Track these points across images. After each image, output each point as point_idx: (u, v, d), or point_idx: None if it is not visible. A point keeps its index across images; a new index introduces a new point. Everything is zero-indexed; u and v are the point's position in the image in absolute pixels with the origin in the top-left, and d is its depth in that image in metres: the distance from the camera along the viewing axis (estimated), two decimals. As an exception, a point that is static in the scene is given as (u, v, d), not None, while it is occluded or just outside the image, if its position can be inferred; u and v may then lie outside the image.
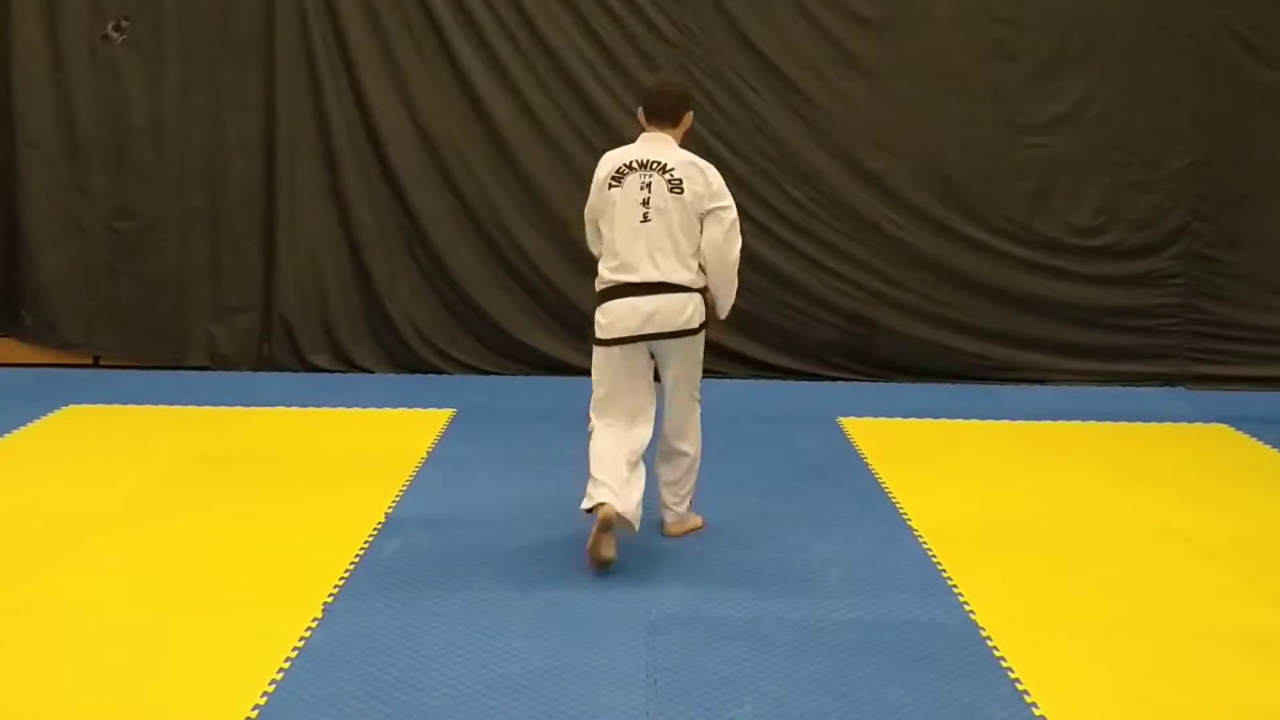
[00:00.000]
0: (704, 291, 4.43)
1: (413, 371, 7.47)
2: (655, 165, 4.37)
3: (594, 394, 4.46)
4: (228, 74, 7.36)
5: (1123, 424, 6.50)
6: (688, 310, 4.35)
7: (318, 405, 6.62)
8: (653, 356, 4.46)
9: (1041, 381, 7.41)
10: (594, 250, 4.61)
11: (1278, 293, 7.39)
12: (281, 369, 7.49)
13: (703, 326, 4.42)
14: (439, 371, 7.47)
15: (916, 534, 4.69)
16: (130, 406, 6.57)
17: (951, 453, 5.93)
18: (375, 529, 4.62)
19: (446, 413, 6.45)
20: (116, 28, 7.32)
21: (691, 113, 4.58)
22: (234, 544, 4.49)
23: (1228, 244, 7.37)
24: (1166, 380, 7.42)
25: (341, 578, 4.13)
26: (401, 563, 4.31)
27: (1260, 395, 7.22)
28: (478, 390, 7.04)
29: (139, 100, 7.35)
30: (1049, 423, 6.49)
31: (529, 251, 7.45)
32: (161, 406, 6.57)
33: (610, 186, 4.40)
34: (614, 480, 4.24)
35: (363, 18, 7.32)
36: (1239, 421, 6.51)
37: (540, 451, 5.75)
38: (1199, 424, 6.56)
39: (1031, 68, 7.29)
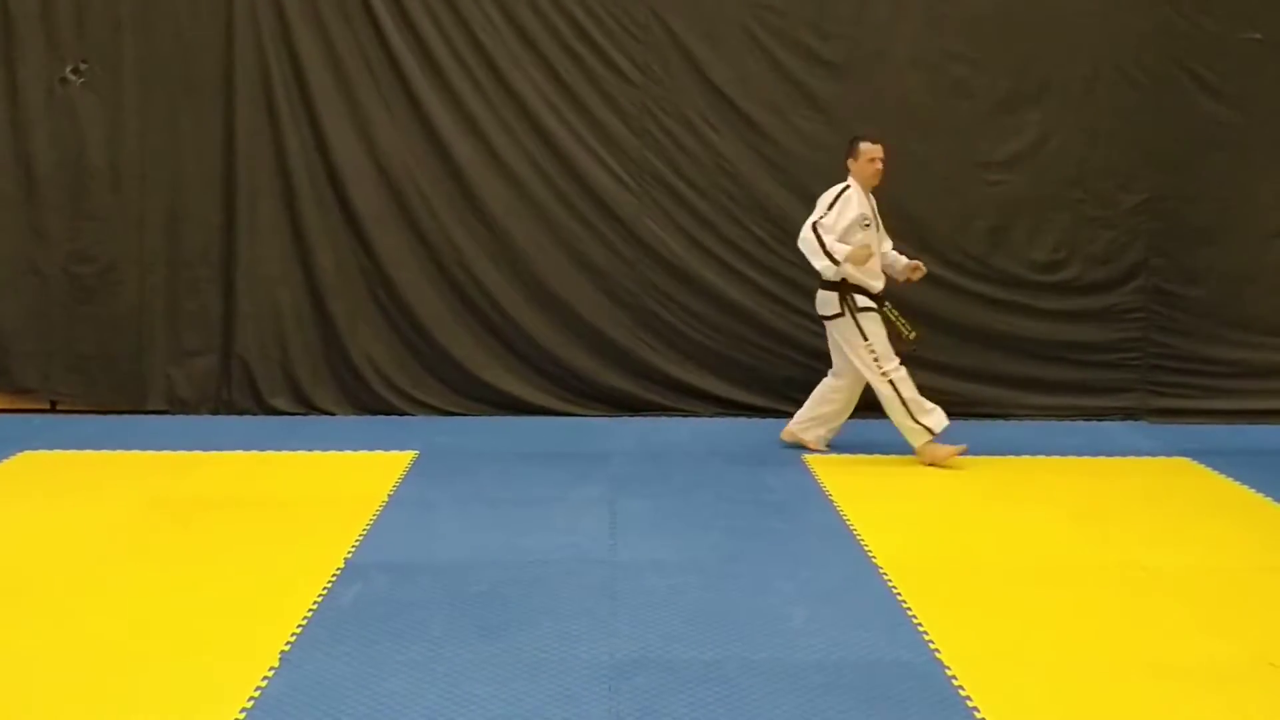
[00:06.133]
0: (842, 284, 6.31)
1: (374, 413, 7.41)
2: None
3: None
4: (187, 116, 7.32)
5: (1084, 458, 6.53)
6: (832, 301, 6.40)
7: (277, 449, 6.55)
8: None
9: (1003, 417, 7.44)
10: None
11: (1235, 326, 7.46)
12: (241, 412, 7.42)
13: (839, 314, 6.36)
14: (401, 413, 7.41)
15: (881, 571, 4.67)
16: (87, 452, 6.49)
17: (914, 489, 5.93)
18: (334, 575, 4.56)
19: (408, 454, 6.40)
20: (75, 70, 7.27)
21: (851, 158, 6.42)
22: (191, 591, 4.42)
23: (1185, 279, 7.45)
24: (1127, 414, 7.47)
25: (299, 625, 4.07)
26: (360, 609, 4.25)
27: (1220, 428, 7.28)
28: (440, 431, 6.99)
29: (97, 143, 7.30)
30: (1011, 458, 6.51)
31: (492, 291, 7.42)
32: (119, 452, 6.48)
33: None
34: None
35: (323, 59, 7.31)
36: (1200, 454, 6.55)
37: (503, 493, 5.71)
38: (1160, 457, 6.59)
39: (989, 106, 7.37)
